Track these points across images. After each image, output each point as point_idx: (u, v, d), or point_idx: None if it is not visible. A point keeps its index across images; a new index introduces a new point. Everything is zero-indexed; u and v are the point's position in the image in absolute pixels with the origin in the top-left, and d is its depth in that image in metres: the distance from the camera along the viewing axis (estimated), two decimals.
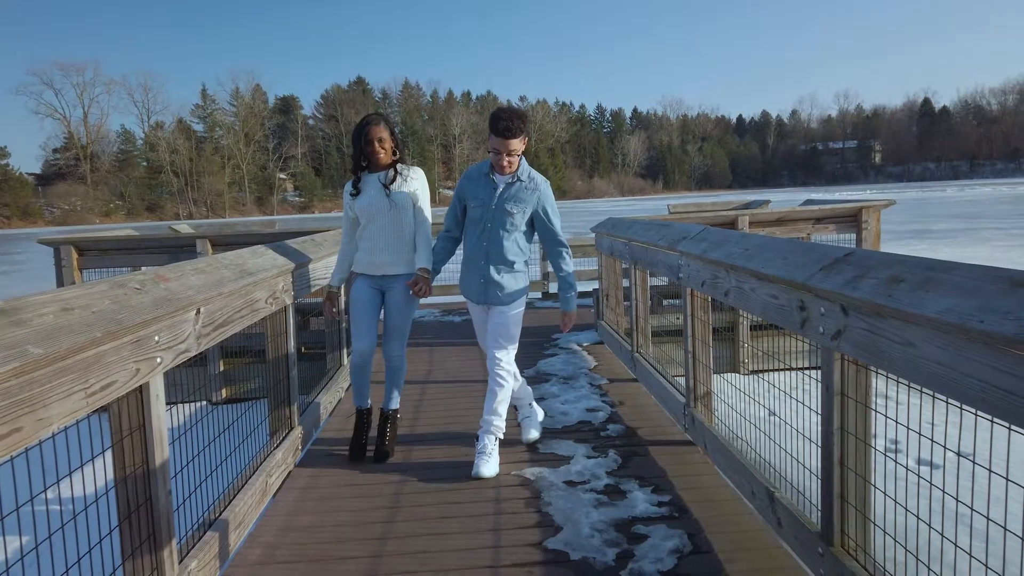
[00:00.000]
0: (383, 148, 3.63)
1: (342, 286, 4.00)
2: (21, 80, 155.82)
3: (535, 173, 3.49)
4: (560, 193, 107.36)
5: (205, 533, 2.52)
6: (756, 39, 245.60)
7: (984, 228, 23.32)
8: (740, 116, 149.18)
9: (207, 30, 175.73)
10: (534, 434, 3.86)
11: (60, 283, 6.20)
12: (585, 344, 6.45)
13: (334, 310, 3.87)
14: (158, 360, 2.12)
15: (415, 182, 3.73)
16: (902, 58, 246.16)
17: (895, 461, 2.23)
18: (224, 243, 6.34)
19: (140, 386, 2.05)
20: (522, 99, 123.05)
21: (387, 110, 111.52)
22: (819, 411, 2.31)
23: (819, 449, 2.33)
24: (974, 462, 1.70)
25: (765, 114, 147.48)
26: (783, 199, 9.92)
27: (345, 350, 5.25)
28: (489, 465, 3.44)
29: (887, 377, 1.94)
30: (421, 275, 3.60)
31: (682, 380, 4.02)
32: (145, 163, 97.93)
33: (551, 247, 3.57)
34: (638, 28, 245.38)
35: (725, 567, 2.53)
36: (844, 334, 2.10)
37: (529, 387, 4.01)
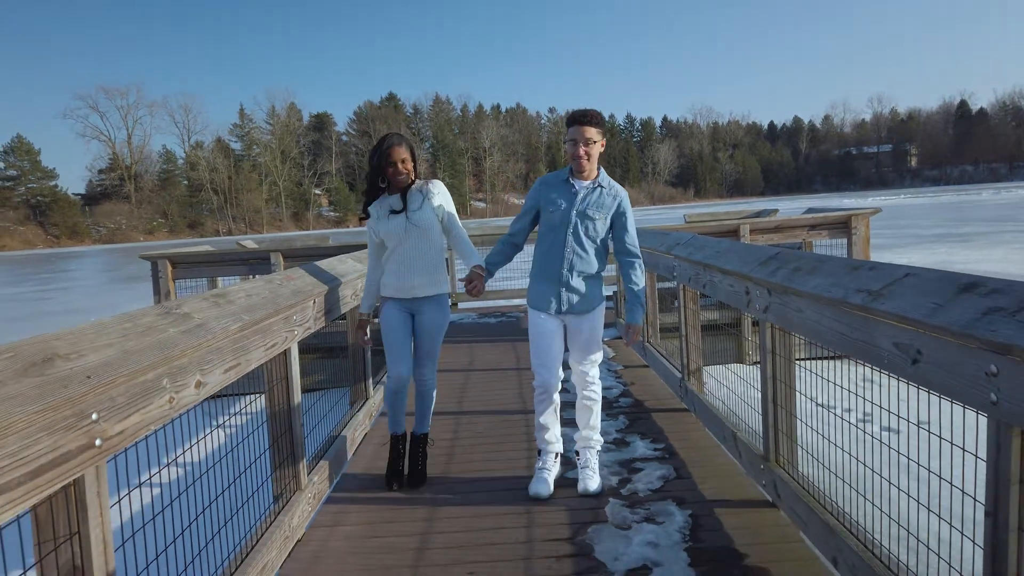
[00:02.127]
0: (405, 169, 3.48)
1: (371, 312, 3.83)
2: (68, 104, 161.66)
3: (615, 182, 3.44)
4: None
5: (320, 460, 3.50)
6: (786, 45, 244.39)
7: (1008, 231, 23.65)
8: (771, 122, 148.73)
9: (243, 51, 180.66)
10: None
11: (157, 290, 7.30)
12: (606, 339, 7.36)
13: (366, 338, 3.79)
14: (296, 332, 3.11)
15: (438, 196, 3.59)
16: (937, 60, 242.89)
17: (831, 411, 3.11)
18: (293, 256, 7.38)
19: (285, 350, 3.03)
20: (551, 111, 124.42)
21: (418, 125, 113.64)
22: (759, 362, 3.21)
23: (759, 393, 3.22)
24: (915, 423, 2.59)
25: (797, 120, 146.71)
26: (802, 206, 10.61)
27: None
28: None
29: (867, 367, 2.82)
30: (477, 272, 3.45)
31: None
32: (186, 182, 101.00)
33: (624, 257, 3.42)
34: (667, 37, 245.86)
35: (698, 486, 3.42)
36: (770, 308, 3.00)
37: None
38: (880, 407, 2.48)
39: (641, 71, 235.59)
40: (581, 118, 3.28)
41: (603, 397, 5.08)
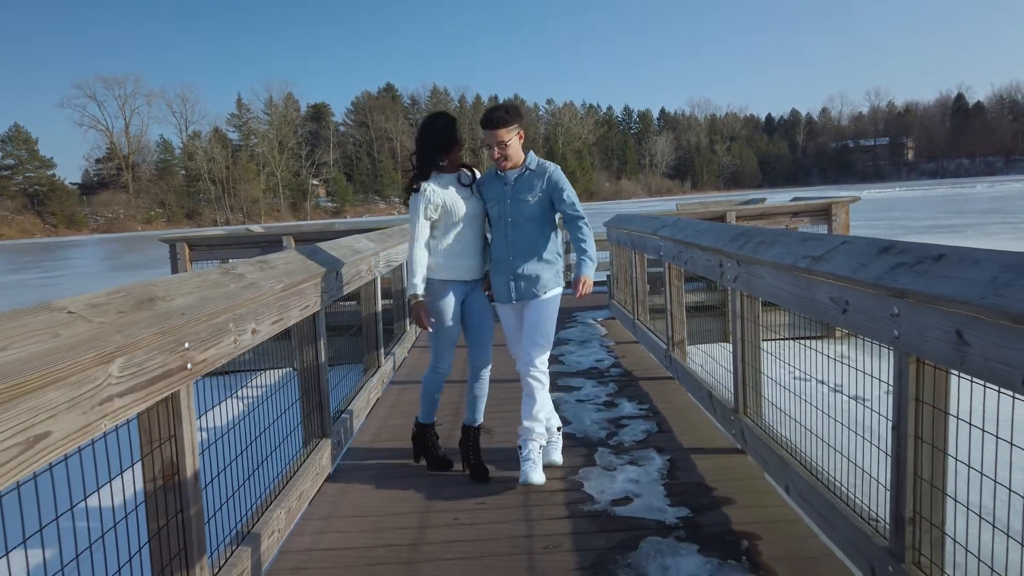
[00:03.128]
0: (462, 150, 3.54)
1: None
2: (66, 94, 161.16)
3: (545, 161, 3.42)
4: (588, 195, 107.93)
5: (340, 417, 3.93)
6: (785, 37, 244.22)
7: (996, 223, 24.14)
8: (769, 115, 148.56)
9: (241, 41, 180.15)
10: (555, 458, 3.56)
11: (174, 271, 7.71)
12: (600, 319, 7.80)
13: (432, 320, 3.45)
14: (323, 297, 3.53)
15: None
16: (934, 53, 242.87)
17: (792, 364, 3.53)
18: (303, 239, 7.78)
19: (314, 312, 3.45)
20: (549, 102, 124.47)
21: (416, 116, 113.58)
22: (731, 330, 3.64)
23: (732, 355, 3.66)
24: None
25: (795, 112, 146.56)
26: (787, 197, 10.84)
27: (407, 319, 6.65)
28: (537, 472, 3.33)
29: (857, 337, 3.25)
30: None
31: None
32: (183, 172, 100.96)
33: (569, 223, 3.41)
34: (665, 29, 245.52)
35: (676, 438, 3.86)
36: (739, 278, 3.43)
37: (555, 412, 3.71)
38: (855, 368, 2.92)
39: (639, 63, 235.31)
40: (488, 122, 3.31)
41: (595, 367, 5.55)
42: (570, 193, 3.42)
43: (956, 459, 1.98)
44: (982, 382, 1.73)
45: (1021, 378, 1.55)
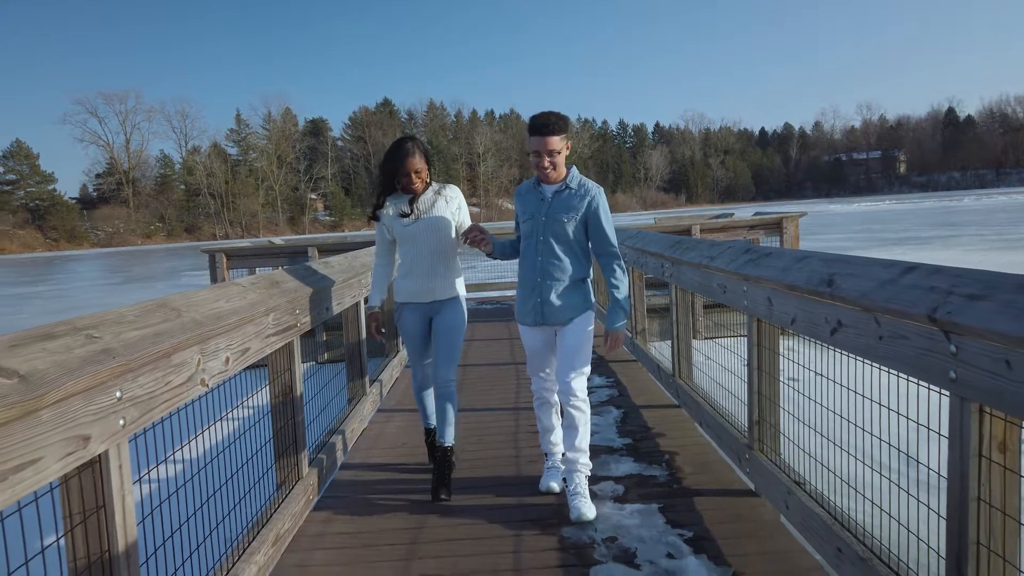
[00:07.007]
0: (419, 179, 3.50)
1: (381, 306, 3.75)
2: (67, 110, 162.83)
3: (588, 180, 3.25)
4: None
5: (374, 382, 5.09)
6: (778, 52, 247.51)
7: (966, 235, 25.43)
8: (763, 129, 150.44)
9: (241, 57, 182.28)
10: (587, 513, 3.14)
11: (214, 278, 8.88)
12: None
13: (383, 330, 3.70)
14: (362, 292, 4.71)
15: (454, 201, 3.61)
16: (925, 68, 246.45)
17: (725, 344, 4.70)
18: (326, 250, 8.96)
19: (357, 302, 4.62)
20: None
21: (413, 130, 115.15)
22: (671, 317, 4.82)
23: (670, 334, 4.84)
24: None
25: (788, 126, 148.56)
26: (786, 211, 11.90)
27: None
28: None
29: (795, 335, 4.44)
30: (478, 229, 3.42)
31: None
32: (183, 186, 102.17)
33: (601, 258, 3.25)
34: (659, 43, 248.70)
35: (631, 399, 5.03)
36: (673, 275, 4.61)
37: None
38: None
39: (634, 77, 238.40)
40: (543, 128, 3.09)
41: None
42: (608, 225, 3.25)
43: (785, 383, 3.16)
44: (780, 327, 2.91)
45: (790, 320, 2.73)
